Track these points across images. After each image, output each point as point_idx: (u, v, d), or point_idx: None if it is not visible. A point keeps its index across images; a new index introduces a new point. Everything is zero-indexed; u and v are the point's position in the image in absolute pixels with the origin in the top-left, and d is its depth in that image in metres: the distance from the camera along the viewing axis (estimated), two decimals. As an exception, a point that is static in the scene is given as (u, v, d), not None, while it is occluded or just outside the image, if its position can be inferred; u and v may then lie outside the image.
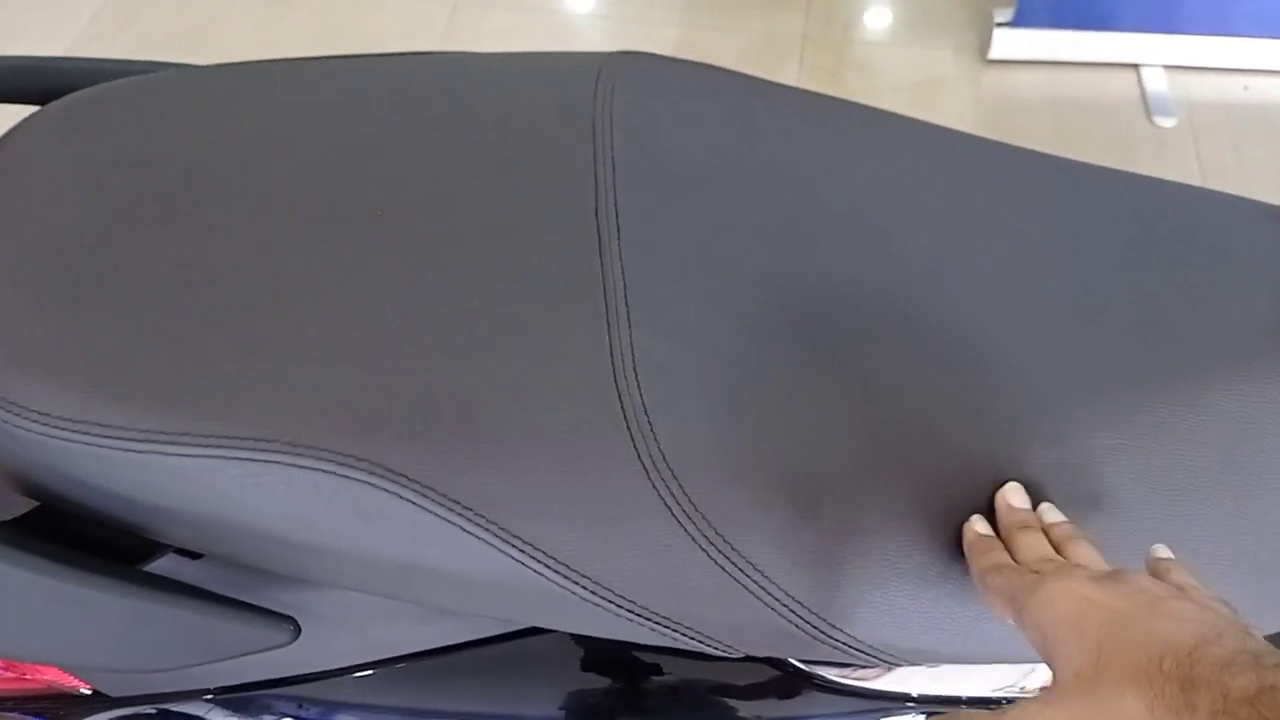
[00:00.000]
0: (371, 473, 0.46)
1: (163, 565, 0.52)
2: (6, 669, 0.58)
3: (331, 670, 0.55)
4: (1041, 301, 0.57)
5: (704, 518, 0.47)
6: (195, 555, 0.54)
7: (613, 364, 0.50)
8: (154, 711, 0.56)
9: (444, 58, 0.67)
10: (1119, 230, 0.61)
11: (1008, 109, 1.90)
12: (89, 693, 0.57)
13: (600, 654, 0.56)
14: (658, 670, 0.56)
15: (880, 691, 0.57)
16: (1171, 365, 0.55)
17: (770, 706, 0.56)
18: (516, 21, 2.06)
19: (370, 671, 0.55)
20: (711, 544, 0.47)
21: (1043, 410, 0.52)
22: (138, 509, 0.48)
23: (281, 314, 0.50)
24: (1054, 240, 0.60)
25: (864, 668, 0.57)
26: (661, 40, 2.01)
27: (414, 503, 0.46)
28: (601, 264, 0.54)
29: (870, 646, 0.49)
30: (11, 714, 0.59)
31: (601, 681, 0.56)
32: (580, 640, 0.56)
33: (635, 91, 0.63)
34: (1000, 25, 1.91)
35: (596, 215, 0.56)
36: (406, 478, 0.46)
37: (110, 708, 0.56)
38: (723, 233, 0.57)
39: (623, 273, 0.53)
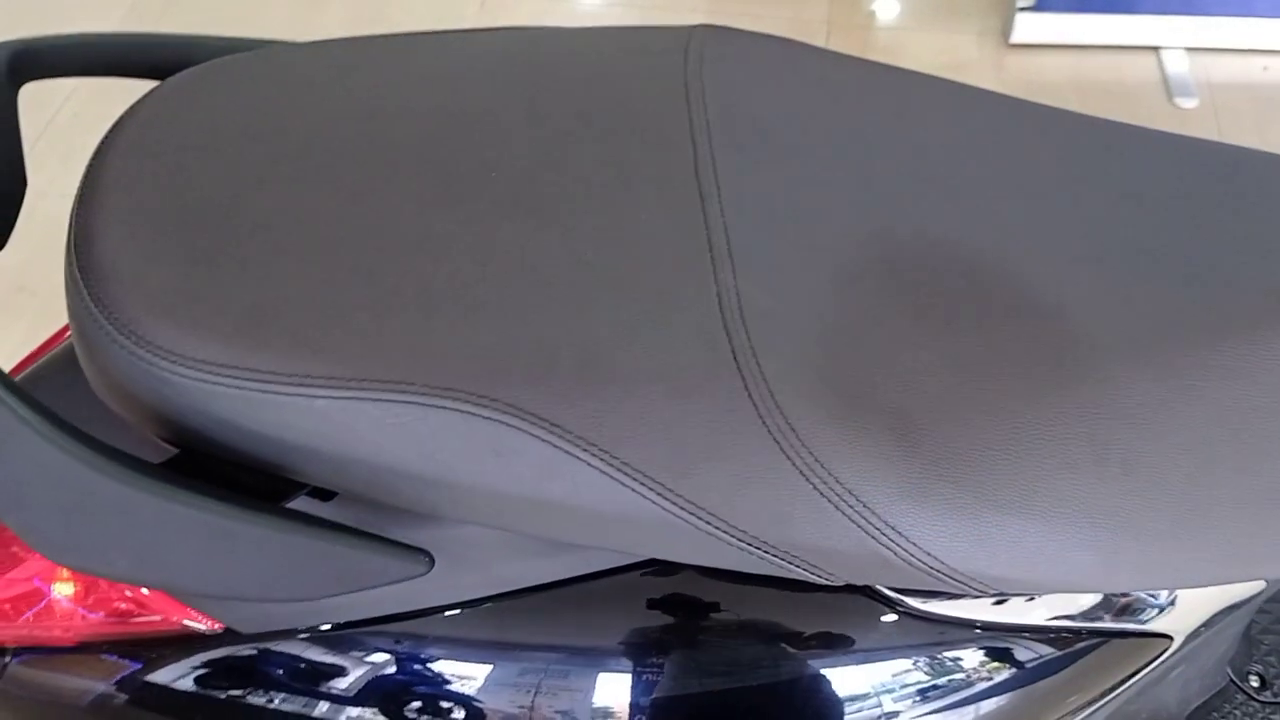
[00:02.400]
0: (504, 412, 0.49)
1: (298, 504, 0.56)
2: (138, 608, 0.61)
3: (457, 604, 0.59)
4: (1100, 254, 0.60)
5: (810, 451, 0.51)
6: (327, 497, 0.57)
7: (720, 310, 0.53)
8: (276, 650, 0.60)
9: (532, 31, 0.71)
10: (1170, 187, 0.64)
11: (1030, 92, 1.93)
12: (220, 631, 0.60)
13: (704, 587, 0.60)
14: (756, 601, 0.59)
15: (954, 618, 0.61)
16: (1225, 312, 0.59)
17: (860, 632, 0.60)
18: (545, 8, 2.10)
19: (491, 605, 0.59)
20: (816, 475, 0.51)
21: (1107, 352, 0.56)
22: (279, 449, 0.52)
23: (410, 267, 0.54)
24: (1110, 197, 0.63)
25: (952, 596, 0.60)
26: (691, 18, 2.05)
27: (543, 439, 0.50)
28: (705, 218, 0.57)
29: (960, 574, 0.53)
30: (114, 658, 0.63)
31: (704, 614, 0.60)
32: (688, 573, 0.59)
33: (723, 61, 0.67)
34: (1022, 9, 1.95)
35: (697, 174, 0.59)
36: (536, 416, 0.50)
37: (238, 644, 0.60)
38: (812, 190, 0.61)
39: (725, 227, 0.57)
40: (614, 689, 0.60)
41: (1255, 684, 0.89)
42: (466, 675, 0.59)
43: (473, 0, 2.10)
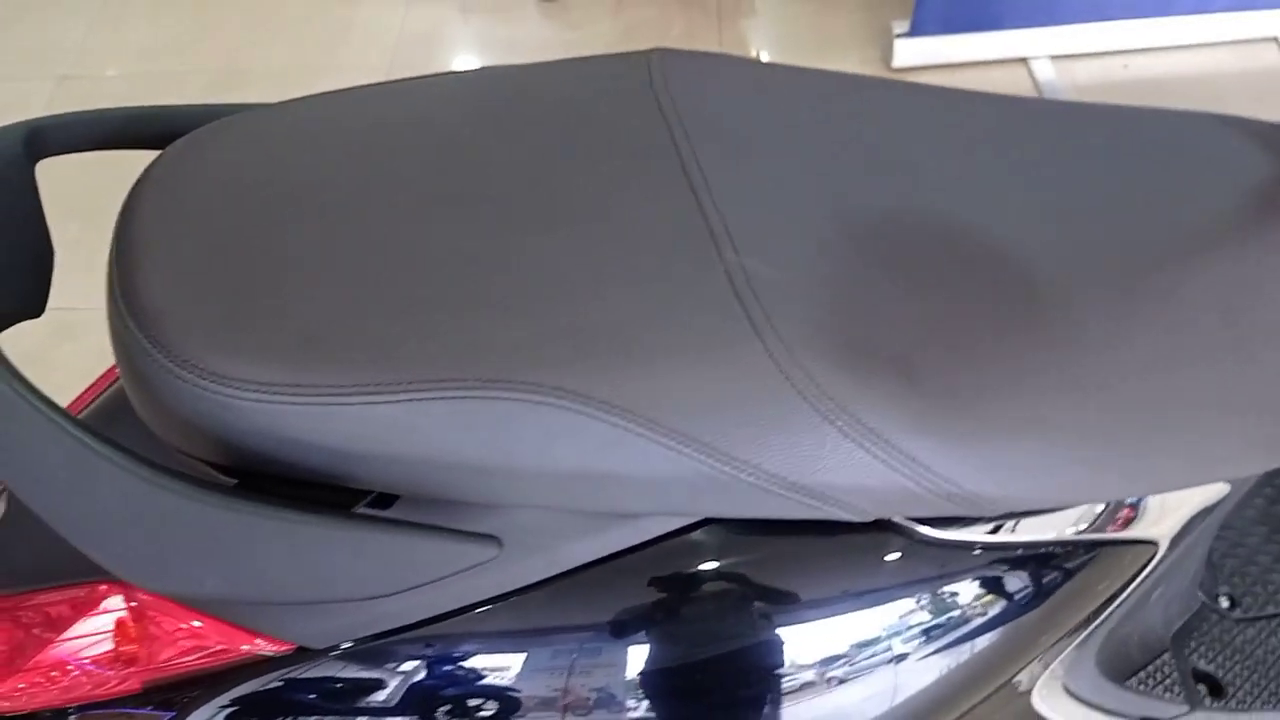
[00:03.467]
0: (555, 395, 0.54)
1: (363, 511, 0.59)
2: (199, 643, 0.63)
3: (520, 588, 0.62)
4: (1044, 209, 0.68)
5: (830, 399, 0.56)
6: (389, 502, 0.61)
7: (732, 285, 0.59)
8: (344, 669, 0.63)
9: (498, 70, 0.77)
10: (1104, 148, 0.73)
11: (918, 110, 2.06)
12: (290, 651, 0.63)
13: (750, 541, 0.64)
14: (794, 547, 0.64)
15: (963, 542, 0.67)
16: (1159, 247, 0.67)
17: (885, 564, 0.65)
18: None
19: (553, 586, 0.63)
20: (840, 419, 0.56)
21: (1067, 289, 0.63)
22: (343, 459, 0.55)
23: (438, 279, 0.58)
24: (1044, 160, 0.71)
25: (960, 523, 0.66)
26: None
27: (592, 416, 0.54)
28: (700, 208, 0.63)
29: (972, 495, 0.59)
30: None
31: (753, 565, 0.64)
32: (731, 530, 0.64)
33: (685, 77, 0.74)
34: (899, 36, 2.08)
35: (685, 174, 0.65)
36: (584, 395, 0.54)
37: (311, 661, 0.62)
38: (787, 179, 0.67)
39: (719, 213, 0.63)
40: (680, 644, 0.64)
41: (1225, 604, 0.97)
42: (543, 653, 0.63)
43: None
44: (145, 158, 0.71)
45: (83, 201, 1.29)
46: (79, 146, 0.71)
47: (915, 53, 2.08)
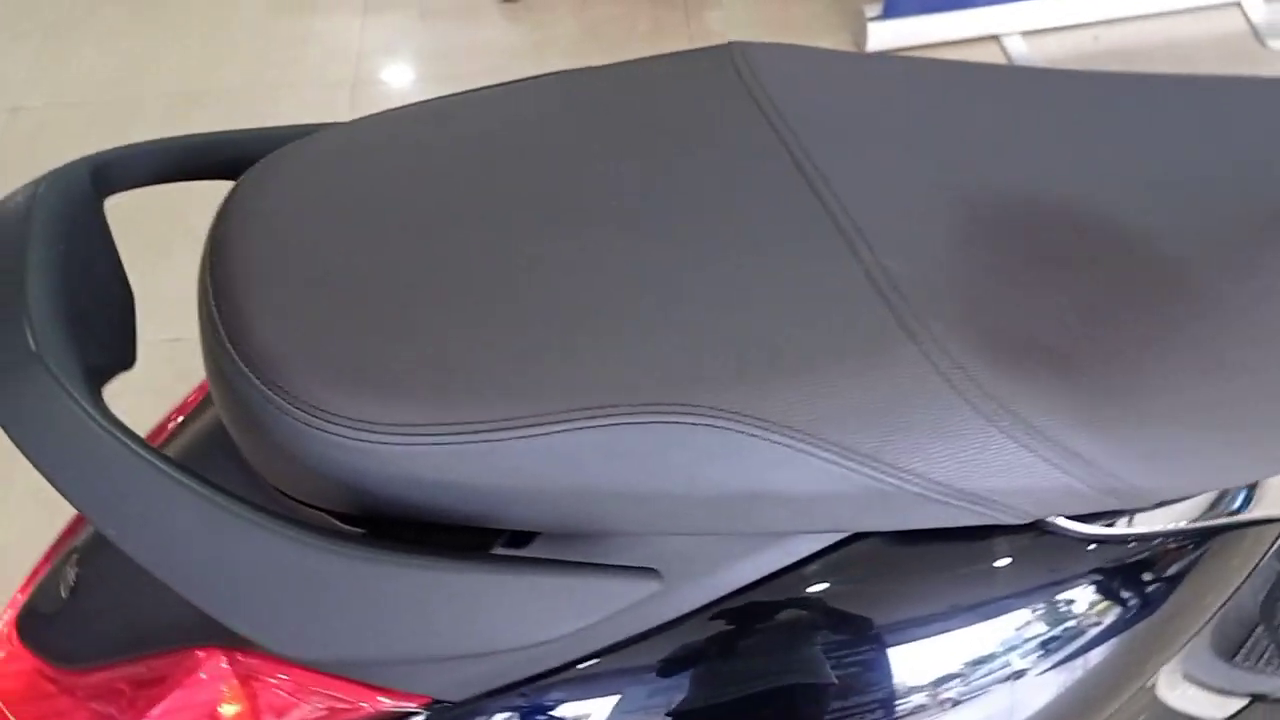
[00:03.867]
0: (712, 415, 0.51)
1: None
2: (322, 700, 0.59)
3: (671, 620, 0.59)
4: (1163, 186, 0.66)
5: (992, 399, 0.54)
6: (525, 541, 0.57)
7: (875, 287, 0.56)
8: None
9: (574, 74, 0.72)
10: (1203, 120, 0.71)
11: (895, 93, 2.05)
12: (426, 704, 0.58)
13: (901, 551, 0.61)
14: (949, 555, 0.61)
15: (1114, 536, 0.65)
16: (1270, 219, 0.65)
17: (1041, 564, 0.63)
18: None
19: (704, 614, 0.59)
20: (1002, 420, 0.54)
21: (1196, 266, 0.61)
22: (486, 498, 0.51)
23: (567, 300, 0.55)
24: (1156, 135, 0.69)
25: (1108, 516, 0.64)
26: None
27: (752, 435, 0.51)
28: (826, 209, 0.60)
29: (1133, 487, 0.56)
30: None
31: (909, 576, 0.61)
32: (881, 542, 0.61)
33: (772, 69, 0.70)
34: (872, 19, 2.07)
35: (800, 171, 0.62)
36: (741, 415, 0.51)
37: (453, 713, 0.58)
38: (904, 170, 0.64)
39: (845, 211, 0.60)
40: (841, 661, 0.60)
41: None
42: (700, 684, 0.59)
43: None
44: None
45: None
46: (145, 180, 0.67)
47: (889, 35, 2.07)
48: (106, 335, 0.58)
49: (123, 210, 0.76)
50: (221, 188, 0.66)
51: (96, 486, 0.48)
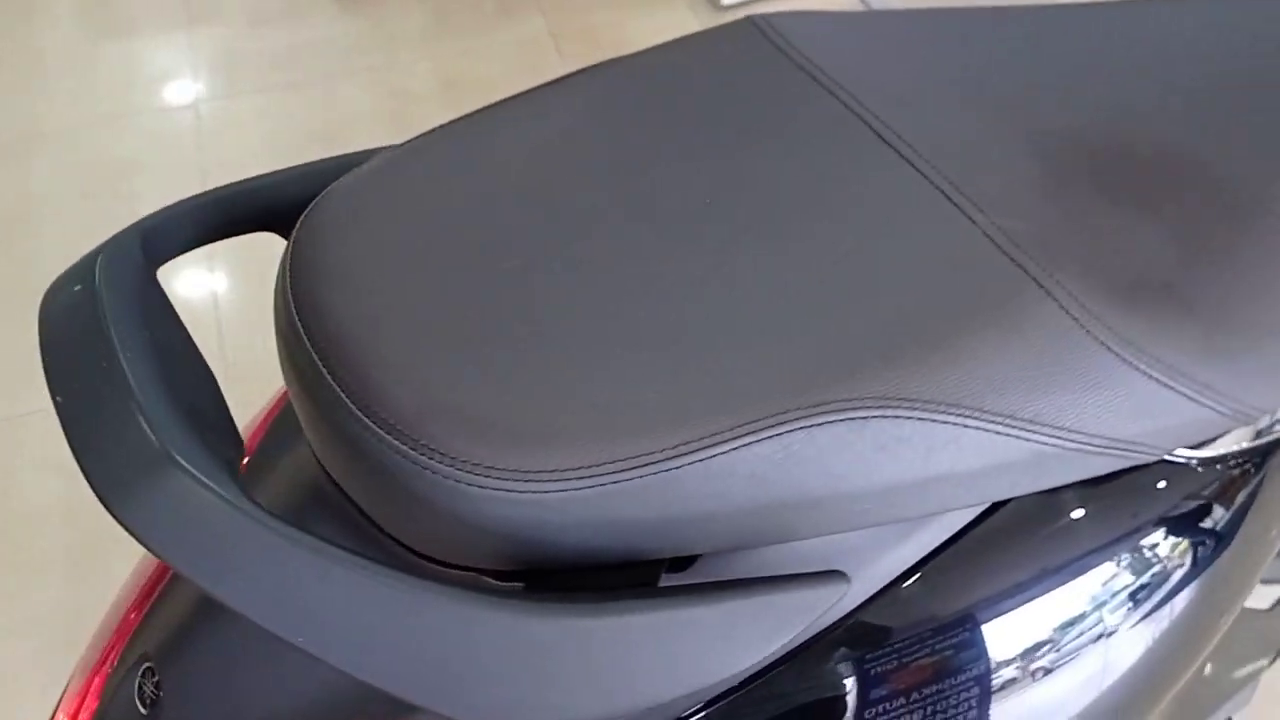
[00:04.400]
0: (881, 405, 0.50)
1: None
2: None
3: (841, 619, 0.59)
4: (1220, 107, 0.68)
5: (1130, 344, 0.55)
6: (684, 566, 0.56)
7: (998, 248, 0.57)
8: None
9: (610, 66, 0.69)
10: (1207, 37, 0.73)
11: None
12: None
13: (1040, 509, 0.64)
14: (1087, 502, 0.64)
15: (1220, 456, 0.69)
16: None
17: (1170, 496, 0.66)
18: (270, 102, 1.99)
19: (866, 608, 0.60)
20: (1143, 363, 0.55)
21: (1263, 181, 0.64)
22: (651, 530, 0.50)
23: (698, 309, 0.53)
24: (1201, 58, 0.71)
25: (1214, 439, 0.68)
26: (423, 75, 2.02)
27: (919, 419, 0.51)
28: (923, 175, 0.60)
29: (1258, 408, 0.60)
30: None
31: (1054, 533, 0.64)
32: (1021, 502, 0.63)
33: (809, 38, 0.69)
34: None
35: (883, 139, 0.62)
36: (907, 400, 0.51)
37: None
38: (972, 122, 0.65)
39: (943, 176, 0.60)
40: (1016, 629, 0.63)
41: None
42: (881, 677, 0.60)
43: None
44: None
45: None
46: (191, 242, 0.62)
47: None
48: (212, 418, 0.54)
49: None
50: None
51: (272, 590, 0.45)
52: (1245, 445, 0.70)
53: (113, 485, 0.46)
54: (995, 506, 0.62)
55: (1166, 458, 0.65)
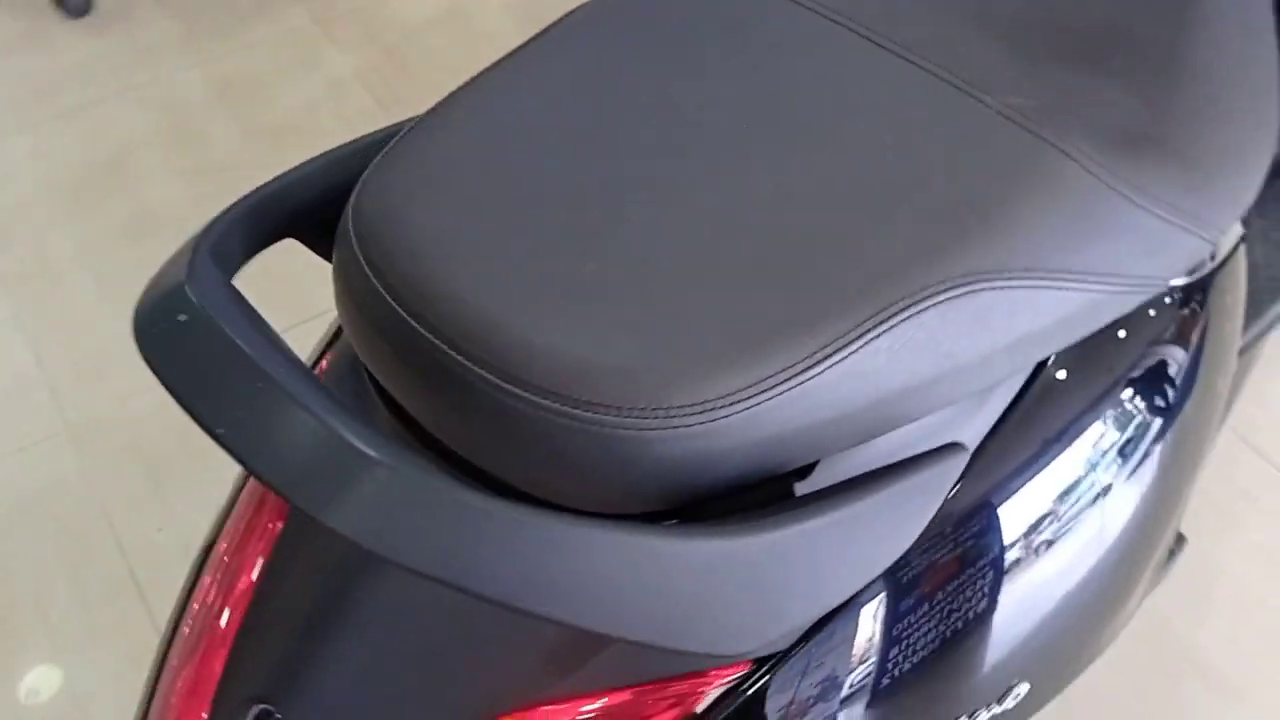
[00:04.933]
0: (969, 282, 0.55)
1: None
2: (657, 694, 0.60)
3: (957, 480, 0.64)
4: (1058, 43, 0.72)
5: (1145, 193, 0.63)
6: (803, 476, 0.57)
7: (1014, 123, 0.62)
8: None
9: (589, 11, 0.71)
10: None
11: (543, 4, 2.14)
12: (748, 668, 0.61)
13: (1086, 355, 0.71)
14: (1120, 338, 0.73)
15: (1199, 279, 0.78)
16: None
17: (1173, 317, 0.76)
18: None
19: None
20: (1159, 209, 0.63)
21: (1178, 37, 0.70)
22: (791, 444, 0.53)
23: (784, 222, 0.57)
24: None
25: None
26: (194, 83, 1.97)
27: (999, 286, 0.56)
28: (926, 71, 0.65)
29: (1228, 230, 0.68)
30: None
31: (1107, 373, 0.72)
32: (1065, 352, 0.70)
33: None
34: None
35: (878, 45, 0.67)
36: (984, 271, 0.56)
37: (788, 659, 0.61)
38: (937, 22, 0.70)
39: (947, 69, 0.65)
40: (1088, 465, 0.71)
41: None
42: (995, 532, 0.67)
43: None
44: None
45: None
46: (259, 243, 0.63)
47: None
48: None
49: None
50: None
51: (522, 569, 0.45)
52: (1200, 275, 0.80)
53: (326, 503, 0.45)
54: (1040, 364, 0.69)
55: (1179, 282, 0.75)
